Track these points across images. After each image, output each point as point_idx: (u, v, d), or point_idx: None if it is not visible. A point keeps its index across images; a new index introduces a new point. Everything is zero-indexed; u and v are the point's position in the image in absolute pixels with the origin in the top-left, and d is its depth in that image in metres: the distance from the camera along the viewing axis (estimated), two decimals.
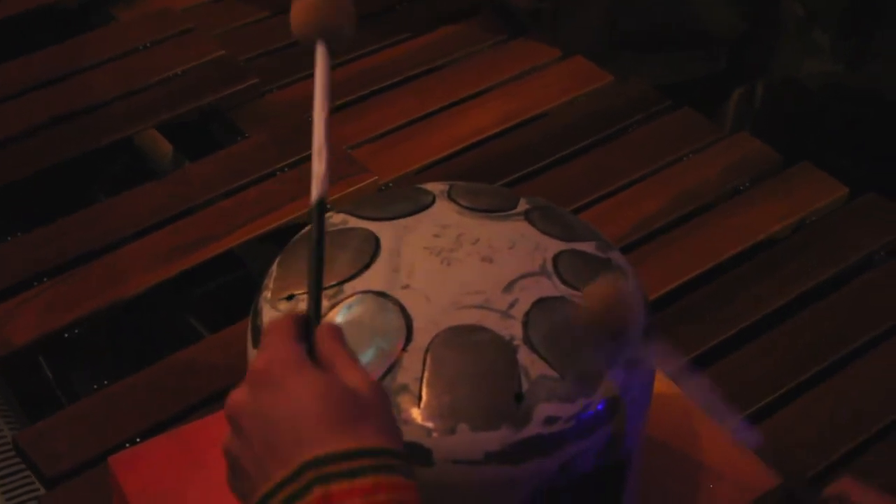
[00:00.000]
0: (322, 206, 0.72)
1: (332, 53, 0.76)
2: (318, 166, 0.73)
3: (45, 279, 1.22)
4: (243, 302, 1.02)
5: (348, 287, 0.82)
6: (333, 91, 1.47)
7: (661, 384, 0.98)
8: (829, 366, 1.15)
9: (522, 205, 0.90)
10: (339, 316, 0.80)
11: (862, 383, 1.14)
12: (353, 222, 0.88)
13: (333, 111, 1.46)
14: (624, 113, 1.47)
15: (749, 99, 1.79)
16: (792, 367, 1.15)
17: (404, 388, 0.76)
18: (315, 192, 0.72)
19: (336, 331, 0.69)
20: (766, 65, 1.79)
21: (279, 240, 1.20)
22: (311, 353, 0.68)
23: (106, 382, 1.14)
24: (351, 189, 1.32)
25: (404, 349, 0.78)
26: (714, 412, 0.77)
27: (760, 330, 1.19)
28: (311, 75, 1.50)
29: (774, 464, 0.98)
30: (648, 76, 1.54)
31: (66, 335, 1.18)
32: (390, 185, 1.34)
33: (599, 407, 0.78)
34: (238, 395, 0.67)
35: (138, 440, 1.05)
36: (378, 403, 0.66)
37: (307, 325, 0.69)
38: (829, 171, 1.39)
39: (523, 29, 1.59)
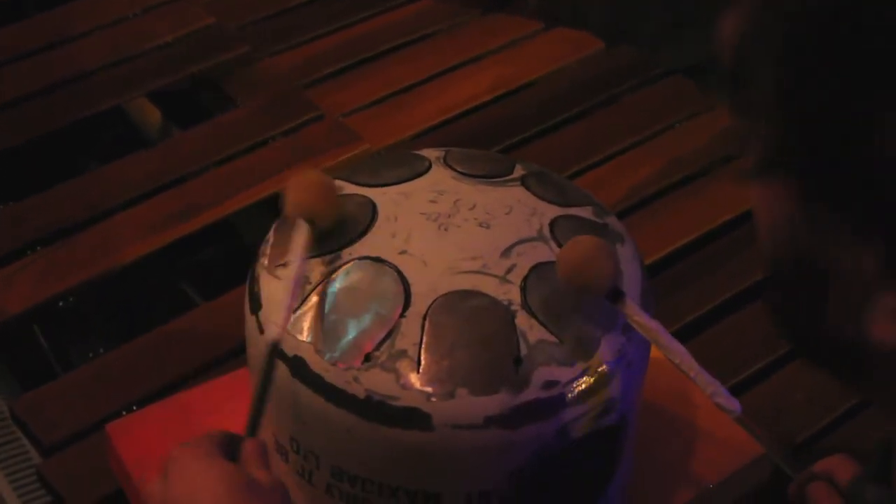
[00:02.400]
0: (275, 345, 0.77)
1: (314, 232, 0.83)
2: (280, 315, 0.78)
3: (37, 248, 1.22)
4: (237, 270, 1.02)
5: (346, 253, 0.82)
6: (325, 62, 1.48)
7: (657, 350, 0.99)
8: None
9: (518, 170, 0.90)
10: (336, 282, 0.80)
11: None
12: (350, 188, 0.88)
13: (327, 79, 1.47)
14: (615, 80, 1.47)
15: None
16: None
17: (403, 354, 0.77)
18: (269, 335, 0.78)
19: (261, 445, 0.75)
20: None
21: (272, 208, 1.20)
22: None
23: (102, 351, 1.14)
24: (344, 157, 1.32)
25: (402, 315, 0.78)
26: (696, 378, 0.78)
27: (755, 295, 1.20)
28: (303, 43, 1.52)
29: (765, 428, 0.99)
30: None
31: (61, 304, 1.18)
32: (382, 152, 1.34)
33: (597, 371, 0.78)
34: (152, 485, 0.73)
35: (134, 408, 1.05)
36: (278, 495, 0.72)
37: (233, 440, 0.75)
38: None
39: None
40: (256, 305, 0.83)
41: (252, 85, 1.44)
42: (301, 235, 0.81)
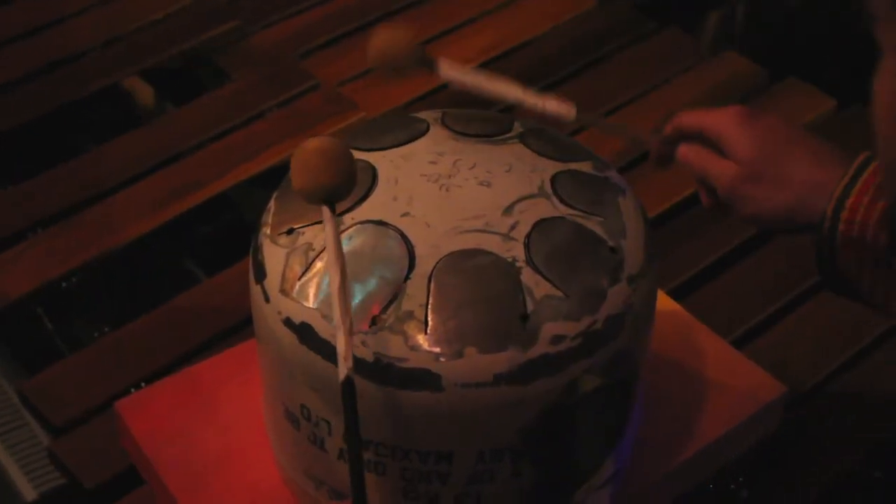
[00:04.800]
0: (351, 385, 0.72)
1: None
2: (342, 344, 0.72)
3: (38, 230, 1.22)
4: (238, 243, 1.02)
5: (348, 218, 0.81)
6: (318, 32, 1.47)
7: (663, 301, 0.99)
8: None
9: (517, 128, 0.90)
10: None
11: None
12: None
13: (321, 49, 1.46)
14: (609, 36, 1.47)
15: (729, 20, 1.79)
16: (786, 281, 1.16)
17: (410, 315, 0.76)
18: (343, 370, 0.72)
19: None
20: None
21: (270, 179, 1.19)
22: None
23: (107, 330, 1.14)
24: (340, 126, 1.32)
25: (408, 277, 0.78)
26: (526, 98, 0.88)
27: (756, 247, 1.20)
28: (295, 14, 1.51)
29: (774, 375, 0.99)
30: None
31: (64, 285, 1.18)
32: (380, 117, 1.34)
33: (604, 324, 0.78)
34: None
35: (143, 385, 1.05)
36: None
37: None
38: (815, 84, 1.39)
39: None
40: (261, 274, 0.83)
41: (246, 58, 1.44)
42: (328, 219, 0.74)
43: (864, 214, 0.77)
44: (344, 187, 0.75)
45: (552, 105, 0.88)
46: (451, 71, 0.89)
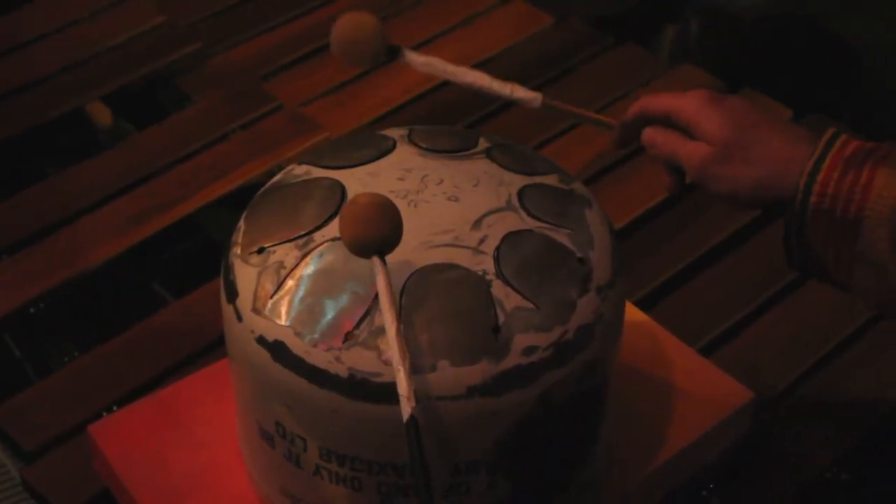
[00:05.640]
0: (416, 425, 0.73)
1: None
2: (404, 385, 0.74)
3: (4, 256, 1.22)
4: (205, 265, 1.02)
5: (318, 236, 0.82)
6: (280, 53, 1.47)
7: (631, 312, 1.00)
8: (789, 284, 1.17)
9: (482, 143, 0.91)
10: (311, 265, 0.80)
11: (820, 300, 1.16)
12: (317, 172, 0.88)
13: (283, 69, 1.47)
14: (567, 53, 1.48)
15: (684, 34, 1.81)
16: (752, 288, 1.17)
17: (383, 331, 0.77)
18: (406, 409, 0.73)
19: None
20: None
21: (237, 201, 1.20)
22: None
23: (77, 354, 1.14)
24: (305, 146, 1.33)
25: None
26: (492, 86, 0.93)
27: (721, 255, 1.21)
28: (256, 35, 1.51)
29: (743, 381, 1.00)
30: (584, 10, 1.55)
31: (32, 310, 1.18)
32: (346, 136, 1.34)
33: (575, 334, 0.79)
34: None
35: (115, 408, 1.05)
36: None
37: None
38: (770, 95, 1.41)
39: None
40: (233, 294, 0.83)
41: (207, 81, 1.44)
42: (379, 270, 0.77)
43: (834, 188, 0.80)
44: (395, 238, 0.77)
45: (519, 91, 0.90)
46: (418, 58, 0.92)
